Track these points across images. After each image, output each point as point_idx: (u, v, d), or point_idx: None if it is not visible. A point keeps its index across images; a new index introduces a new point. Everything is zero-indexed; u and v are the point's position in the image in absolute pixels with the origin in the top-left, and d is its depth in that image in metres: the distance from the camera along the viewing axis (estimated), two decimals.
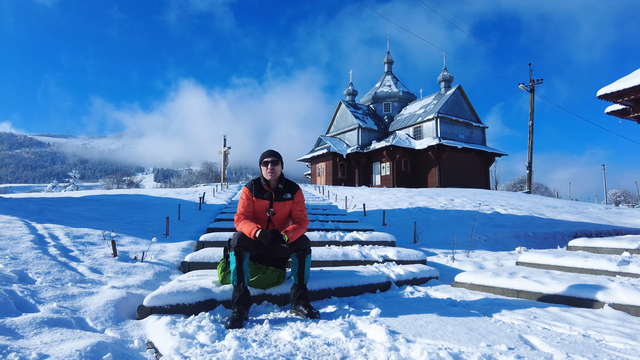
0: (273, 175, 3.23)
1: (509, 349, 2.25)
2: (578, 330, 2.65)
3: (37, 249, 3.88)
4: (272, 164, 3.22)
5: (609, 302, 3.18)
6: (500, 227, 8.61)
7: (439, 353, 2.12)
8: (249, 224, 3.05)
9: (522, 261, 4.97)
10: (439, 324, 2.69)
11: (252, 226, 3.01)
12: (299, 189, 3.37)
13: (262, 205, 3.26)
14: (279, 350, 2.20)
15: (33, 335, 2.17)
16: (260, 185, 3.28)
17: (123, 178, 79.52)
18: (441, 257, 5.78)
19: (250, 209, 3.24)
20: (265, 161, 3.24)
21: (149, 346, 2.33)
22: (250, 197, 3.25)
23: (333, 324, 2.68)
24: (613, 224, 10.47)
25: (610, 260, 4.23)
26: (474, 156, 30.82)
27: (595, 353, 2.23)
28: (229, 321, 2.66)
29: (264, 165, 3.23)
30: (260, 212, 3.28)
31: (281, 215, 3.33)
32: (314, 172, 34.43)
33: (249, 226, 3.02)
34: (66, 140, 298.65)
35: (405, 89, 37.34)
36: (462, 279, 4.19)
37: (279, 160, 3.26)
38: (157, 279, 3.68)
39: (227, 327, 2.61)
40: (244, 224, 3.07)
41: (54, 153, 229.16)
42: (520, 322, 2.81)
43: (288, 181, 3.37)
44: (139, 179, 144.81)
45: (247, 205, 3.23)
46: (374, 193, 15.88)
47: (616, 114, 7.68)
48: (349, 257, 4.61)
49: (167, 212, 7.40)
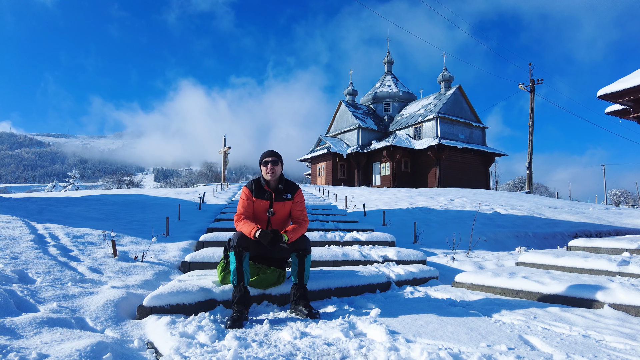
0: (273, 175, 3.22)
1: (509, 349, 2.25)
2: (578, 331, 2.65)
3: (37, 248, 3.87)
4: (272, 164, 3.21)
5: (609, 303, 3.18)
6: (500, 227, 8.61)
7: (439, 353, 2.12)
8: (248, 224, 3.05)
9: (522, 261, 4.96)
10: (439, 324, 2.69)
11: (251, 226, 3.01)
12: (298, 189, 3.37)
13: (262, 206, 3.26)
14: (279, 350, 2.20)
15: (33, 335, 2.17)
16: (260, 185, 3.27)
17: (123, 178, 79.54)
18: (441, 257, 5.78)
19: (250, 209, 3.24)
20: (265, 161, 3.23)
21: (149, 346, 2.34)
22: (250, 197, 3.25)
23: (333, 324, 2.68)
24: (613, 224, 10.47)
25: (610, 261, 4.23)
26: (474, 156, 30.83)
27: (595, 353, 2.23)
28: (229, 321, 2.66)
29: (264, 165, 3.23)
30: (260, 212, 3.28)
31: (281, 216, 3.33)
32: (314, 172, 34.44)
33: (248, 226, 3.02)
34: (66, 140, 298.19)
35: (405, 89, 37.35)
36: (462, 279, 4.18)
37: (278, 160, 3.25)
38: (157, 279, 3.68)
39: (227, 327, 2.61)
40: (244, 224, 3.07)
41: (54, 153, 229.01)
42: (520, 322, 2.81)
43: (288, 181, 3.37)
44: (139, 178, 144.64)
45: (247, 205, 3.23)
46: (374, 193, 15.88)
47: (616, 114, 7.68)
48: (349, 257, 4.61)
49: (167, 212, 7.41)
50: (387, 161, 29.97)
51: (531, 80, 26.82)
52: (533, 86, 26.71)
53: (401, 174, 29.79)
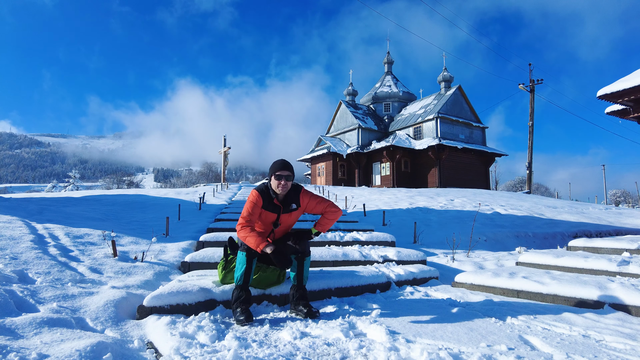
0: (284, 190, 3.08)
1: (509, 349, 2.25)
2: (578, 331, 2.65)
3: (37, 249, 3.87)
4: (286, 179, 3.04)
5: (609, 302, 3.18)
6: (500, 227, 8.61)
7: (439, 353, 2.12)
8: (255, 237, 2.87)
9: (522, 261, 4.96)
10: (439, 324, 2.69)
11: (258, 240, 2.85)
12: (300, 190, 3.21)
13: (269, 217, 3.15)
14: (279, 351, 2.20)
15: (33, 335, 2.17)
16: (270, 198, 3.12)
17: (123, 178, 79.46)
18: (441, 257, 5.78)
19: (255, 217, 3.09)
20: (278, 175, 3.04)
21: (149, 346, 2.34)
22: (259, 205, 3.08)
23: (333, 324, 2.68)
24: (613, 224, 10.47)
25: (610, 261, 4.23)
26: (474, 156, 30.83)
27: (595, 353, 2.23)
28: (241, 316, 2.70)
29: (277, 178, 3.04)
30: (265, 223, 3.18)
31: (285, 226, 3.27)
32: (314, 172, 34.44)
33: (255, 239, 2.85)
34: (66, 140, 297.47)
35: (405, 89, 37.35)
36: (462, 279, 4.19)
37: (292, 176, 3.09)
38: (157, 279, 3.68)
39: (243, 323, 2.68)
40: (250, 236, 2.88)
41: (54, 153, 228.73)
42: (521, 323, 2.81)
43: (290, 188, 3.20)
44: (139, 179, 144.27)
45: (253, 213, 3.06)
46: (374, 193, 15.88)
47: (616, 114, 7.68)
48: (349, 257, 4.61)
49: (167, 212, 7.40)
50: (387, 161, 29.98)
51: (531, 81, 26.84)
52: (533, 86, 26.74)
53: (401, 174, 29.79)
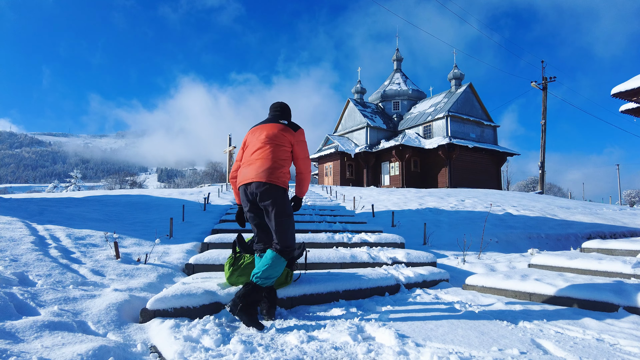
0: None
1: (521, 353, 2.20)
2: (592, 334, 2.59)
3: (38, 250, 3.83)
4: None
5: (623, 305, 3.10)
6: (512, 229, 8.48)
7: (450, 357, 2.09)
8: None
9: (535, 263, 4.88)
10: (449, 328, 2.65)
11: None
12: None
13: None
14: (286, 355, 2.18)
15: (34, 339, 2.14)
16: None
17: (126, 178, 79.56)
18: (452, 259, 5.71)
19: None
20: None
21: (152, 350, 2.32)
22: None
23: (341, 327, 2.65)
24: (628, 225, 10.25)
25: (624, 262, 4.13)
26: (485, 156, 30.45)
27: (609, 357, 2.18)
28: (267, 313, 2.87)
29: None
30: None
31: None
32: (321, 172, 34.38)
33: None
34: (67, 139, 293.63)
35: (415, 87, 37.04)
36: (473, 282, 4.13)
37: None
38: (160, 281, 3.64)
39: (269, 319, 2.84)
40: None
41: (55, 152, 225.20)
42: (533, 326, 2.76)
43: None
44: (142, 179, 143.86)
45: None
46: (383, 193, 15.80)
47: (631, 113, 7.52)
48: (357, 259, 4.58)
49: (170, 212, 7.41)
50: (396, 161, 29.79)
51: (544, 78, 26.42)
52: (545, 84, 26.31)
53: (410, 174, 29.57)
